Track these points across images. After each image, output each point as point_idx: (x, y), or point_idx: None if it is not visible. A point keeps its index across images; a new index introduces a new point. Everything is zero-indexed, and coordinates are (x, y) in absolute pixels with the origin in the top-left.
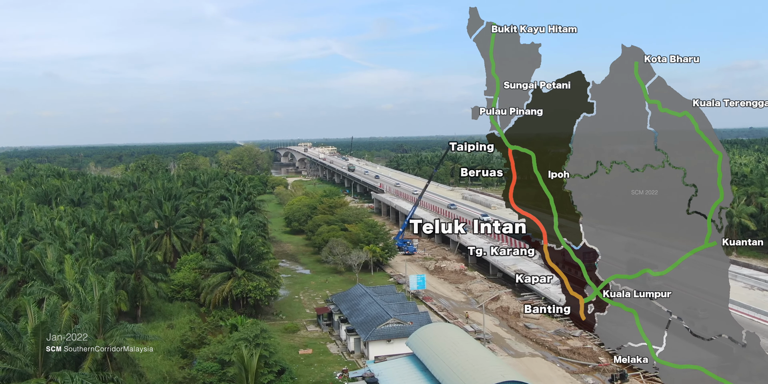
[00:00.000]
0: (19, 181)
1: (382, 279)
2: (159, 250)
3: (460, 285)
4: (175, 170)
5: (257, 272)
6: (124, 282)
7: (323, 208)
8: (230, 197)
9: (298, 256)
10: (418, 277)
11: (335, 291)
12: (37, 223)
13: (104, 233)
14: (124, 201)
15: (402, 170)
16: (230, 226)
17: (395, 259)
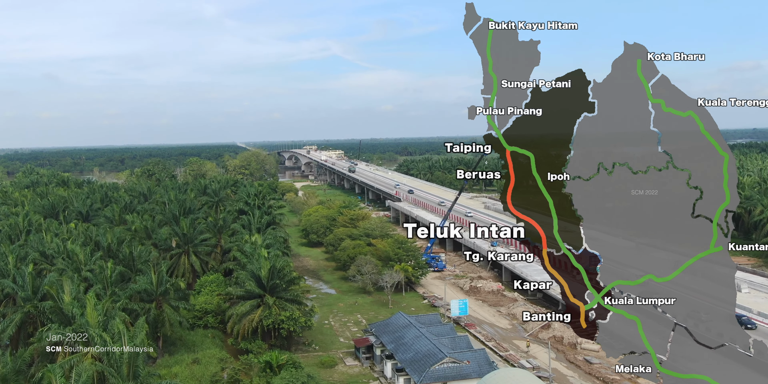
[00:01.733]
0: (23, 191)
1: (415, 300)
2: (177, 271)
3: (501, 308)
4: (182, 176)
5: (289, 299)
6: (144, 311)
7: (344, 221)
8: (250, 211)
9: (320, 273)
10: (460, 303)
11: (367, 315)
12: (48, 244)
13: (121, 256)
14: (137, 215)
15: (413, 175)
16: (254, 245)
17: (426, 277)
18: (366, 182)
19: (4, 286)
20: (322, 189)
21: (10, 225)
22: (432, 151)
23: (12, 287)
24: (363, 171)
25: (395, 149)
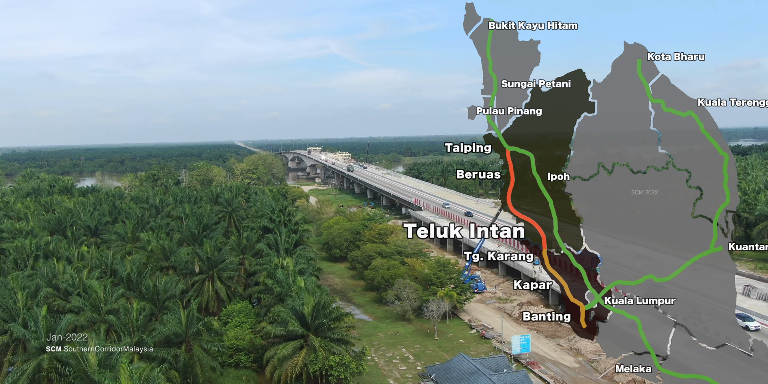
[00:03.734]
0: (26, 200)
1: (462, 330)
2: (201, 298)
3: (561, 340)
4: (188, 181)
5: (335, 340)
6: (173, 357)
7: (371, 236)
8: (276, 229)
9: (349, 294)
10: (522, 338)
11: (412, 348)
12: (60, 275)
13: (143, 289)
14: (152, 233)
15: (424, 179)
16: (285, 270)
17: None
18: (380, 188)
19: (13, 330)
20: (333, 194)
21: (16, 248)
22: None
23: (23, 333)
24: (374, 175)
25: (398, 149)
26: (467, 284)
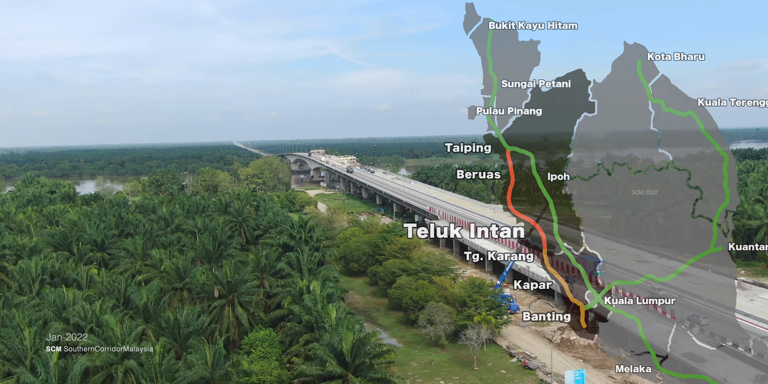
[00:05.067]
0: (27, 209)
1: (502, 358)
2: (221, 325)
3: (611, 371)
4: (192, 186)
5: (377, 379)
6: None
7: (393, 251)
8: (297, 247)
9: (372, 314)
10: (576, 373)
11: (451, 381)
12: (70, 308)
13: (163, 323)
14: (164, 250)
15: (433, 184)
16: (313, 295)
17: None
18: (392, 194)
19: (21, 377)
20: (340, 199)
21: (21, 271)
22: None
23: (32, 381)
24: (383, 180)
25: (399, 151)
26: (503, 307)
